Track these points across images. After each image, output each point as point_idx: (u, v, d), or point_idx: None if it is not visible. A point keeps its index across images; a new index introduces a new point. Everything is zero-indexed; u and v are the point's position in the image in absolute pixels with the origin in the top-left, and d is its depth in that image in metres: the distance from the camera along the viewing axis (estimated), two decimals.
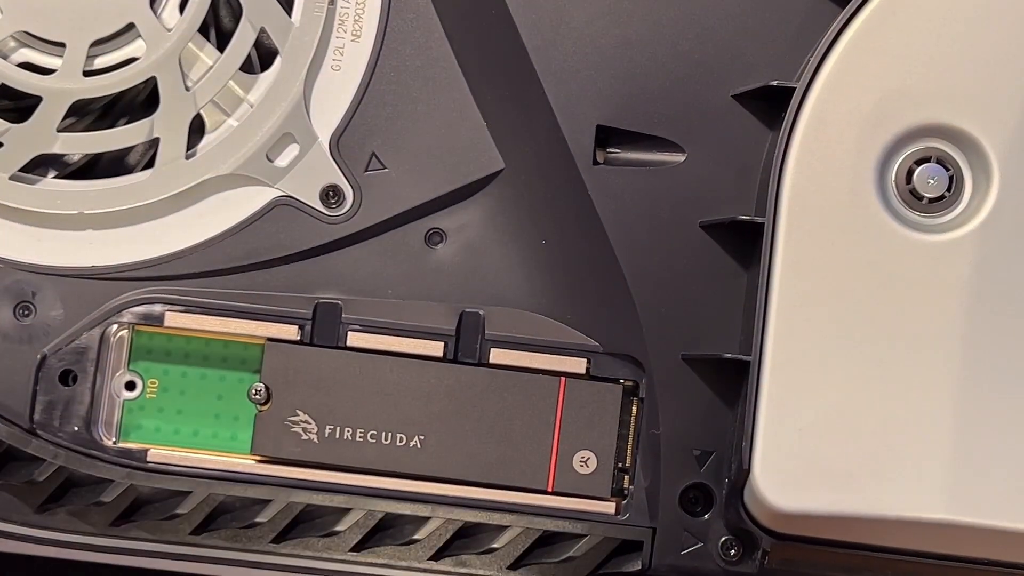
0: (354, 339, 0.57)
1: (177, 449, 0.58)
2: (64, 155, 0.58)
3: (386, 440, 0.57)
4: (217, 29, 0.58)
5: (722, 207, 0.57)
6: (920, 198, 0.55)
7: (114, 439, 0.58)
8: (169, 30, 0.57)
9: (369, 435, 0.57)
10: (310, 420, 0.57)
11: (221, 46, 0.57)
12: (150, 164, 0.58)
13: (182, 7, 0.57)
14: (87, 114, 0.58)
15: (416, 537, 0.58)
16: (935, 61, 0.54)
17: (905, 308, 0.54)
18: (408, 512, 0.58)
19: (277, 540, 0.58)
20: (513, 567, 0.58)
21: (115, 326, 0.58)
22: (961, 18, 0.54)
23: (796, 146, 0.54)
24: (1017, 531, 0.54)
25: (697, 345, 0.57)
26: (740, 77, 0.57)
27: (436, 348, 0.58)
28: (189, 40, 0.57)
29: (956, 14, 0.54)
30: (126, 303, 0.57)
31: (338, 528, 0.58)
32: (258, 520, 0.58)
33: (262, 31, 0.57)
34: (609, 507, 0.58)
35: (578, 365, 0.58)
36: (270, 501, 0.58)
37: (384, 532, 0.58)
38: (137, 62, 0.57)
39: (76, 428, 0.57)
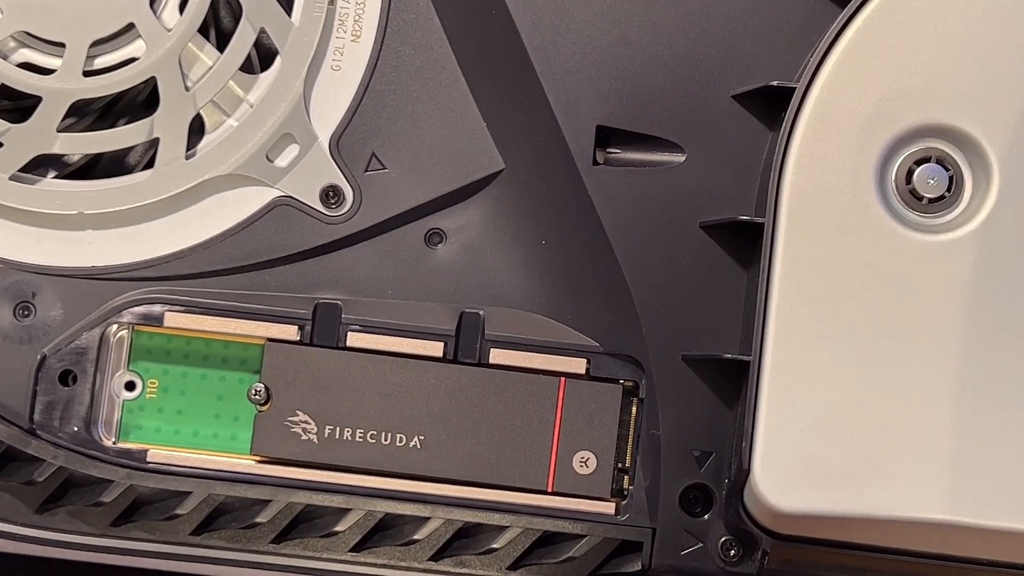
0: (354, 339, 0.57)
1: (177, 449, 0.58)
2: (64, 155, 0.58)
3: (386, 440, 0.57)
4: (217, 29, 0.58)
5: (722, 207, 0.57)
6: (920, 198, 0.55)
7: (114, 439, 0.58)
8: (169, 30, 0.57)
9: (369, 435, 0.57)
10: (310, 420, 0.57)
11: (221, 46, 0.57)
12: (150, 164, 0.58)
13: (182, 7, 0.57)
14: (87, 114, 0.58)
15: (416, 537, 0.58)
16: (935, 61, 0.54)
17: (905, 308, 0.54)
18: (408, 512, 0.58)
19: (277, 540, 0.58)
20: (513, 567, 0.58)
21: (115, 326, 0.58)
22: (961, 18, 0.54)
23: (796, 146, 0.54)
24: (1017, 531, 0.54)
25: (697, 345, 0.57)
26: (740, 77, 0.57)
27: (436, 348, 0.58)
28: (189, 40, 0.57)
29: (956, 14, 0.54)
30: (126, 303, 0.57)
31: (338, 528, 0.58)
32: (258, 520, 0.58)
33: (262, 31, 0.57)
34: (609, 507, 0.58)
35: (578, 365, 0.58)
36: (270, 501, 0.58)
37: (384, 532, 0.58)
38: (137, 62, 0.57)
39: (76, 428, 0.57)
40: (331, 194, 0.58)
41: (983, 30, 0.54)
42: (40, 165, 0.58)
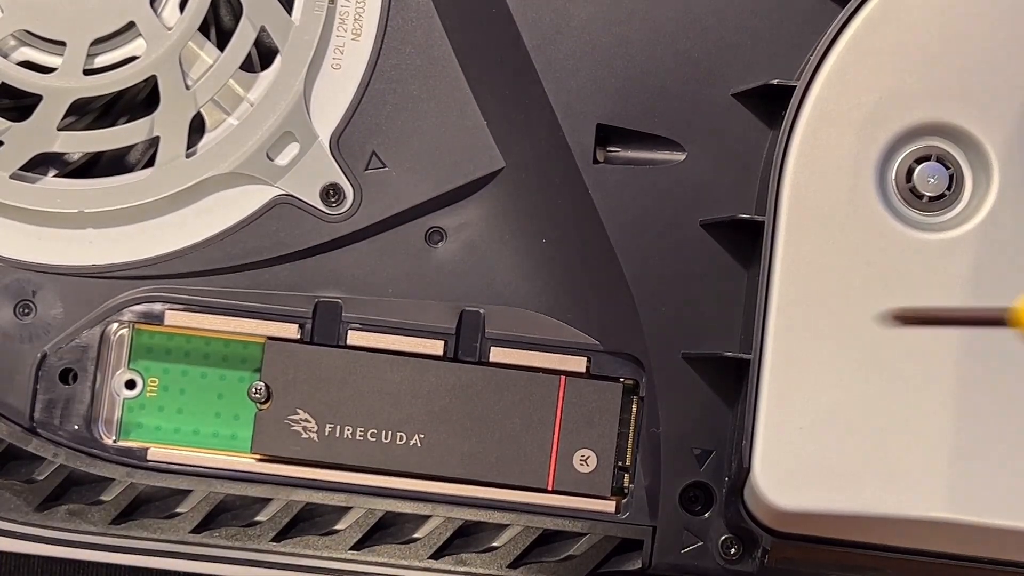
0: (354, 338, 0.58)
1: (177, 448, 0.58)
2: (64, 154, 0.58)
3: (386, 439, 0.57)
4: (217, 28, 0.58)
5: (722, 206, 0.57)
6: (920, 196, 0.55)
7: (114, 438, 0.58)
8: (169, 29, 0.57)
9: (369, 434, 0.57)
10: (310, 419, 0.57)
11: (221, 45, 0.57)
12: (150, 163, 0.58)
13: (182, 6, 0.57)
14: (87, 113, 0.58)
15: (416, 536, 0.58)
16: (935, 60, 0.54)
17: (905, 306, 0.54)
18: (408, 511, 0.58)
19: (277, 539, 0.58)
20: (513, 566, 0.58)
21: (115, 324, 0.58)
22: (961, 17, 0.54)
23: (796, 145, 0.54)
24: (1017, 530, 0.54)
25: (697, 344, 0.57)
26: (740, 76, 0.57)
27: (436, 347, 0.58)
28: (189, 39, 0.57)
29: (956, 13, 0.54)
30: (126, 302, 0.57)
31: (338, 527, 0.58)
32: (258, 519, 0.58)
33: (262, 30, 0.57)
34: (609, 506, 0.58)
35: (578, 364, 0.58)
36: (270, 500, 0.58)
37: (384, 531, 0.58)
38: (137, 61, 0.57)
39: (76, 427, 0.57)
40: (331, 192, 0.58)
41: (983, 29, 0.54)
42: (40, 164, 0.58)
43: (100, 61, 0.57)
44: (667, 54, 0.58)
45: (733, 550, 0.57)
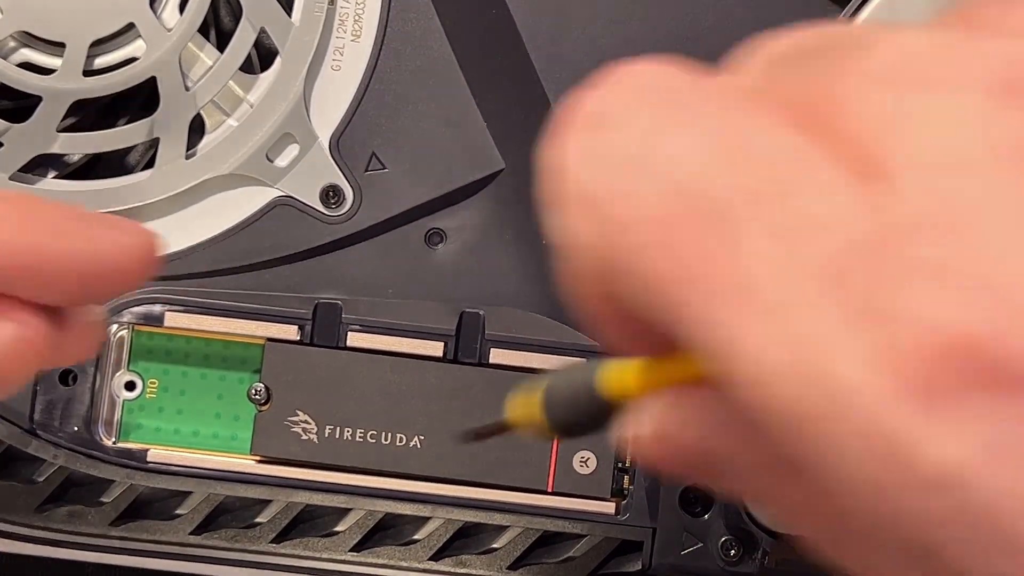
0: (354, 339, 0.57)
1: (177, 449, 0.58)
2: (64, 155, 0.58)
3: (386, 440, 0.57)
4: (217, 29, 0.58)
5: None
6: None
7: (114, 439, 0.58)
8: (169, 30, 0.57)
9: (369, 435, 0.57)
10: (310, 420, 0.57)
11: (221, 46, 0.57)
12: (150, 164, 0.57)
13: (182, 7, 0.57)
14: (87, 113, 0.58)
15: (416, 537, 0.58)
16: None
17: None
18: (408, 512, 0.58)
19: (277, 540, 0.58)
20: (513, 567, 0.58)
21: (115, 326, 0.58)
22: None
23: None
24: None
25: None
26: None
27: (436, 348, 0.58)
28: (189, 40, 0.57)
29: None
30: (126, 303, 0.57)
31: (338, 528, 0.58)
32: (258, 520, 0.58)
33: (262, 31, 0.57)
34: (609, 507, 0.58)
35: None
36: (270, 501, 0.58)
37: (384, 532, 0.58)
38: (137, 62, 0.57)
39: (76, 428, 0.57)
40: (331, 194, 0.58)
41: None
42: (40, 165, 0.58)
43: (100, 62, 0.57)
44: (667, 54, 0.57)
45: (733, 551, 0.57)
